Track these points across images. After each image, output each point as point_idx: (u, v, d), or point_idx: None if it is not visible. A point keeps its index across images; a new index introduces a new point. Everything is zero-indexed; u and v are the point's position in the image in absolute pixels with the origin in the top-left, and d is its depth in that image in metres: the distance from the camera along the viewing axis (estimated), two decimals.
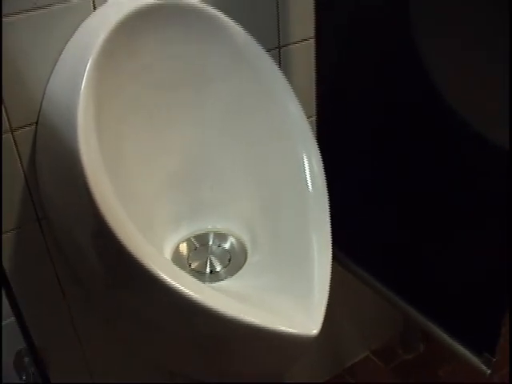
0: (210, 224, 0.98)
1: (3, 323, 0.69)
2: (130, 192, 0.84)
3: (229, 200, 0.97)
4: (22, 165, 0.87)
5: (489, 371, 1.02)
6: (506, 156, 0.88)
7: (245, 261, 0.93)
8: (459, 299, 1.08)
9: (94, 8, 0.86)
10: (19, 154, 0.86)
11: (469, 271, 1.04)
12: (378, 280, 1.23)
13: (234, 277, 0.90)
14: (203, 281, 0.90)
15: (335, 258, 0.87)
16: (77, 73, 0.76)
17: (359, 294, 1.39)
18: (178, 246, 0.95)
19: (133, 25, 0.81)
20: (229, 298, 0.73)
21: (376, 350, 1.70)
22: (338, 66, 1.13)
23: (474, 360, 1.04)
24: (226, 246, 0.96)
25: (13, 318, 0.70)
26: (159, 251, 0.89)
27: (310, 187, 0.87)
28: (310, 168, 0.87)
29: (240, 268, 0.92)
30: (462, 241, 1.03)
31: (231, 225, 0.98)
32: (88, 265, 0.86)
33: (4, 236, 0.90)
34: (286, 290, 0.81)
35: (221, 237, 0.97)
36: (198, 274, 0.92)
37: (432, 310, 1.13)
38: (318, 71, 1.15)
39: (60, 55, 0.84)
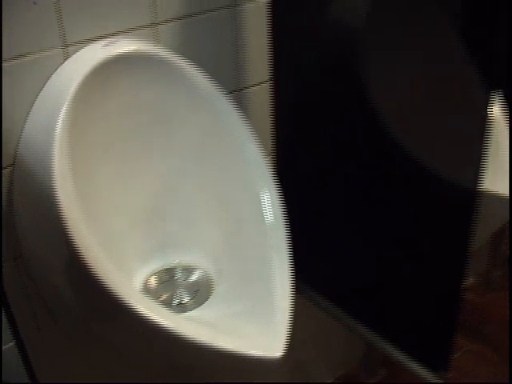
0: (177, 258, 1.02)
1: None
2: (103, 229, 0.88)
3: (195, 234, 1.01)
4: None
5: None
6: (459, 193, 0.94)
7: (211, 291, 0.97)
8: (413, 321, 1.12)
9: (67, 57, 0.91)
10: None
11: (422, 294, 1.09)
12: (338, 307, 1.27)
13: (201, 307, 0.94)
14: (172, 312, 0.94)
15: (297, 288, 0.92)
16: (52, 118, 0.81)
17: (322, 321, 1.43)
18: (147, 280, 0.99)
19: (103, 73, 0.87)
20: (198, 325, 0.78)
21: (340, 376, 1.72)
22: (292, 107, 1.18)
23: (430, 377, 1.08)
24: (194, 278, 1.00)
25: None
26: (131, 284, 0.94)
27: (269, 220, 0.92)
28: (269, 202, 0.93)
29: (207, 299, 0.96)
30: (416, 267, 1.08)
31: (197, 258, 1.01)
32: (63, 299, 0.90)
33: None
34: (251, 317, 0.86)
35: (188, 270, 1.01)
36: (167, 305, 0.96)
37: (389, 332, 1.18)
38: (273, 112, 1.20)
39: (35, 101, 0.89)
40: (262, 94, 1.18)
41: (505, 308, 1.93)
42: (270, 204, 0.93)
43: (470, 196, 0.89)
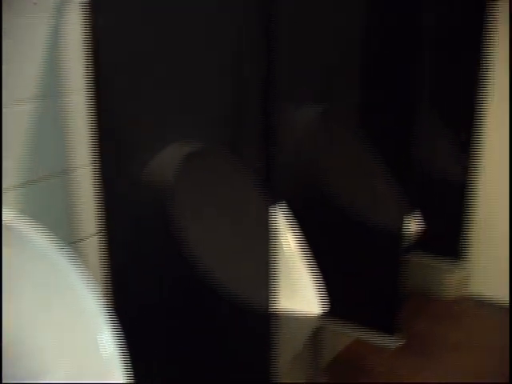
0: None
1: None
2: None
3: (46, 374, 1.13)
4: None
5: None
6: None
7: None
8: None
9: None
10: None
11: None
12: None
13: None
14: None
15: None
16: None
17: None
18: None
19: None
20: None
21: None
22: (120, 253, 1.32)
23: None
24: None
25: None
26: None
27: (107, 355, 1.07)
28: (106, 340, 1.08)
29: None
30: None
31: None
32: None
33: None
34: None
35: None
36: None
37: None
38: (106, 258, 1.31)
39: None
40: (95, 244, 1.36)
41: None
42: (107, 342, 1.09)
43: (264, 318, 1.06)
